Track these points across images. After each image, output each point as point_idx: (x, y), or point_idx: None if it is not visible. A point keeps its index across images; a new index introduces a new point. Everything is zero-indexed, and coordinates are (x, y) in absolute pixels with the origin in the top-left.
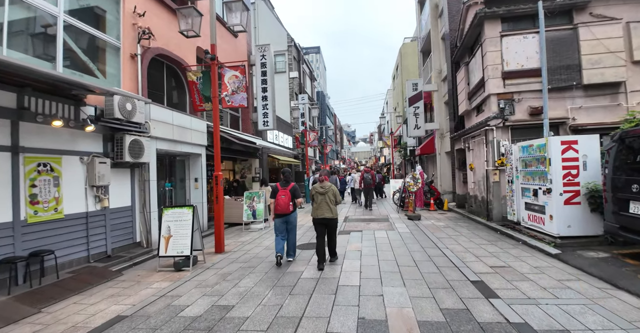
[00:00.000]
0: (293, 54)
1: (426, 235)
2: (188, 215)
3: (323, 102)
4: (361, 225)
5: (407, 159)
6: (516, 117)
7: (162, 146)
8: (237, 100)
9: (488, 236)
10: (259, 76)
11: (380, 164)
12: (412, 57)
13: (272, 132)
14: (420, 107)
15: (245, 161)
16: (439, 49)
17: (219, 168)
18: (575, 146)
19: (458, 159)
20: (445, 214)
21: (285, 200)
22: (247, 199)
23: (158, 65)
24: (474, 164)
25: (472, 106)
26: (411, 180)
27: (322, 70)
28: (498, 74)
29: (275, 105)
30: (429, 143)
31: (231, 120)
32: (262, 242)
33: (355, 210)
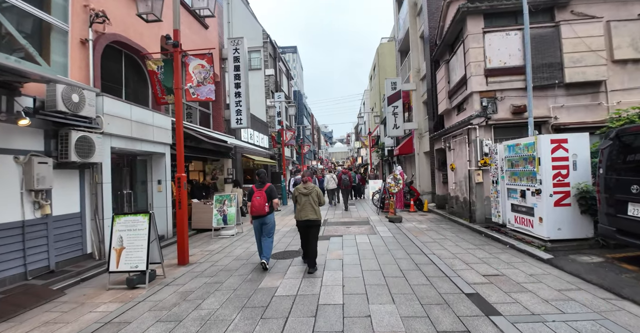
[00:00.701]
0: (269, 50)
1: (410, 240)
2: (143, 224)
3: (300, 101)
4: (341, 229)
5: (385, 159)
6: (499, 115)
7: (118, 144)
8: (203, 92)
9: (473, 240)
10: (231, 71)
11: (357, 164)
12: (390, 57)
13: (246, 131)
14: (399, 107)
15: (217, 161)
16: (417, 48)
17: (182, 169)
18: (565, 145)
19: (438, 159)
20: (426, 216)
21: (260, 201)
22: (217, 203)
23: (116, 54)
24: (455, 164)
25: (452, 105)
26: (392, 181)
27: (299, 70)
28: (481, 71)
29: (249, 102)
30: (407, 143)
31: (201, 117)
32: (233, 251)
33: (334, 213)
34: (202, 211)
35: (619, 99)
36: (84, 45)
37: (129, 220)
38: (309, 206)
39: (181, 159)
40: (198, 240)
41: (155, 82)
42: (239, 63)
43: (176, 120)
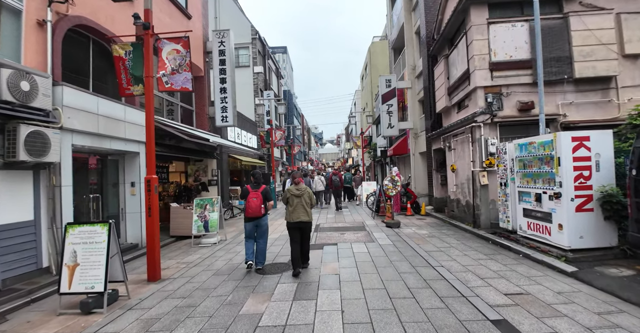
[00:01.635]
0: (257, 47)
1: (412, 249)
2: (102, 235)
3: (290, 101)
4: (335, 236)
5: (377, 160)
6: (504, 112)
7: (82, 141)
8: (178, 81)
9: (482, 248)
10: (216, 65)
11: (347, 165)
12: (382, 56)
13: (233, 130)
14: (393, 105)
15: (200, 162)
16: (412, 44)
17: (152, 170)
18: (587, 143)
19: (436, 160)
20: (425, 220)
21: (256, 202)
22: (197, 207)
23: (83, 41)
24: (456, 165)
25: (452, 102)
26: (389, 183)
27: (289, 70)
28: (485, 64)
29: (235, 99)
30: (402, 143)
31: (183, 114)
32: (214, 263)
33: (326, 217)
34: (181, 216)
35: (629, 95)
36: (42, 27)
37: (84, 231)
38: (301, 207)
39: (152, 158)
40: (176, 250)
41: (121, 70)
42: (225, 57)
43: (146, 113)
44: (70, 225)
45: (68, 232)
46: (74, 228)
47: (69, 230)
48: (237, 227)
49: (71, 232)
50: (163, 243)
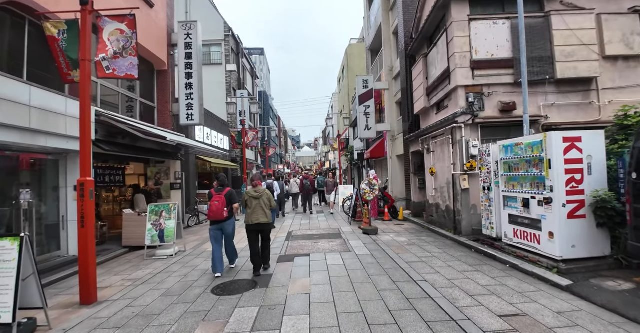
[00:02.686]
0: (231, 44)
1: (392, 259)
2: (11, 252)
3: (266, 102)
4: (308, 245)
5: (354, 164)
6: (486, 113)
7: (5, 137)
8: (122, 67)
9: (466, 258)
10: (182, 59)
11: (325, 168)
12: (359, 59)
13: (202, 130)
14: (371, 106)
15: (162, 163)
16: (390, 45)
17: (87, 172)
18: (579, 144)
19: (414, 163)
20: (403, 225)
21: (218, 205)
22: (151, 214)
23: (16, 21)
24: (435, 168)
25: (431, 103)
26: (367, 187)
27: (266, 72)
28: (467, 62)
29: (202, 96)
30: (379, 146)
31: (143, 110)
32: (165, 281)
33: (300, 222)
34: (135, 224)
35: (610, 97)
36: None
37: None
38: (260, 209)
39: (87, 157)
40: (125, 263)
41: (58, 52)
42: (191, 50)
43: (80, 103)
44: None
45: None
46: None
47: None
48: (202, 236)
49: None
50: (113, 255)
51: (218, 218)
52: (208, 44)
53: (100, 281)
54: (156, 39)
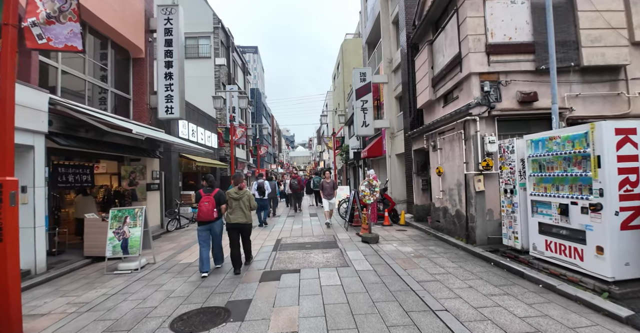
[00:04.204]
0: (220, 37)
1: (399, 277)
2: None
3: (259, 100)
4: (299, 257)
5: (350, 163)
6: (503, 105)
7: None
8: (60, 36)
9: (487, 274)
10: (161, 46)
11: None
12: (355, 55)
13: (186, 126)
14: (368, 101)
15: (137, 161)
16: (389, 35)
17: (7, 170)
18: (634, 138)
19: (417, 162)
20: (406, 231)
21: (208, 206)
22: (114, 221)
23: None
24: (443, 168)
25: (437, 95)
26: (366, 189)
27: (260, 71)
28: (481, 46)
29: (184, 87)
30: (377, 144)
31: (117, 102)
32: (118, 306)
33: (292, 228)
34: (98, 231)
35: (639, 89)
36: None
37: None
38: (240, 210)
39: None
40: (80, 279)
41: None
42: (172, 36)
43: (1, 78)
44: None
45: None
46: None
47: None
48: (179, 243)
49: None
50: (69, 268)
51: (208, 219)
52: (196, 36)
53: (39, 305)
54: (132, 23)
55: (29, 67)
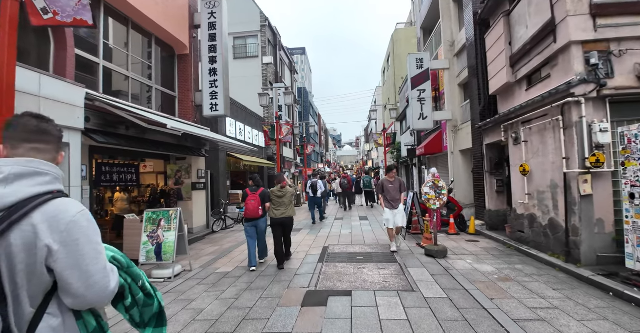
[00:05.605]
0: (267, 36)
1: (486, 312)
2: None
3: (306, 99)
4: (349, 271)
5: (402, 162)
6: (615, 82)
7: None
8: (67, 9)
9: (612, 312)
10: (205, 41)
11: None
12: (407, 45)
13: (233, 125)
14: (426, 90)
15: (182, 160)
16: (450, 15)
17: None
18: None
19: (490, 159)
20: (478, 243)
21: (254, 204)
22: (148, 223)
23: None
24: (529, 165)
25: (518, 76)
26: (431, 191)
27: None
28: (583, 7)
29: (228, 83)
30: (435, 140)
31: (163, 100)
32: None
33: (341, 233)
34: (137, 233)
35: None
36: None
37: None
38: (282, 206)
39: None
40: None
41: None
42: (216, 31)
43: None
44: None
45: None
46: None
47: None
48: (221, 247)
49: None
50: None
51: (254, 216)
52: (244, 36)
53: None
54: (176, 19)
55: (64, 60)
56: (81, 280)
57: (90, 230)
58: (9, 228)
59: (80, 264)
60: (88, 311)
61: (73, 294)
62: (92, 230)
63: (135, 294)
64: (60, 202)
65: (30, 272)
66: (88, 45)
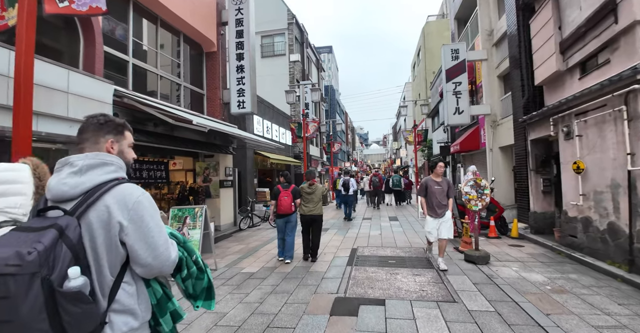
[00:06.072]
0: (295, 33)
1: (543, 330)
2: None
3: (333, 97)
4: (381, 277)
5: (433, 159)
6: None
7: None
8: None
9: None
10: (233, 38)
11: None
12: (439, 38)
13: (260, 123)
14: (462, 83)
15: (210, 158)
16: (488, 2)
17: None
18: None
19: (535, 156)
20: (522, 248)
21: (288, 200)
22: (173, 221)
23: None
24: (585, 162)
25: (570, 63)
26: (472, 191)
27: (334, 70)
28: None
29: (255, 80)
30: (471, 136)
31: (192, 98)
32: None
33: (369, 233)
34: None
35: None
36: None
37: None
38: (312, 203)
39: (23, 139)
40: None
41: None
42: (243, 27)
43: (16, 55)
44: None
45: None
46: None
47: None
48: (247, 245)
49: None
50: None
51: (287, 212)
52: (271, 34)
53: None
54: (203, 16)
55: (92, 57)
56: (148, 251)
57: (152, 209)
58: (87, 209)
59: (147, 237)
60: (155, 281)
61: (142, 263)
62: (153, 209)
63: (190, 267)
64: (126, 186)
65: (108, 245)
66: (118, 43)
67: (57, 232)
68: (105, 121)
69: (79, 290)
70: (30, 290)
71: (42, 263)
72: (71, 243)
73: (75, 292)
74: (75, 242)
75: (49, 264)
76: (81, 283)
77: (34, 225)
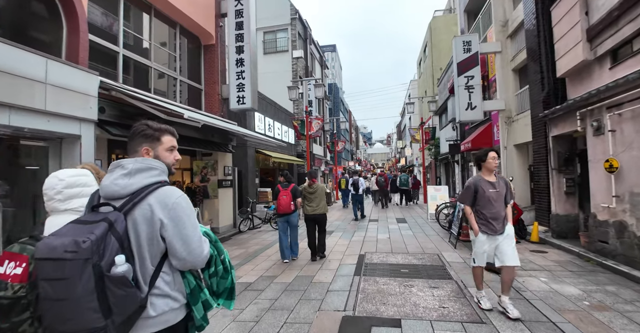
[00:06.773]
0: (297, 29)
1: None
2: None
3: (337, 95)
4: (394, 289)
5: (442, 159)
6: None
7: None
8: None
9: None
10: (232, 30)
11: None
12: (446, 33)
13: (262, 121)
14: (475, 77)
15: (209, 156)
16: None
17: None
18: None
19: (557, 153)
20: (546, 254)
21: (286, 200)
22: None
23: None
24: (618, 160)
25: (599, 52)
26: None
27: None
28: None
29: (256, 75)
30: (484, 133)
31: (190, 93)
32: None
33: (377, 237)
34: None
35: None
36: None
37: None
38: (314, 202)
39: None
40: None
41: None
42: (243, 18)
43: None
44: None
45: None
46: None
47: None
48: (247, 250)
49: None
50: None
51: (286, 211)
52: (274, 30)
53: None
54: (201, 7)
55: (76, 46)
56: (184, 246)
57: (188, 209)
58: (133, 207)
59: (183, 234)
60: (190, 273)
61: (178, 257)
62: (189, 210)
63: (217, 265)
64: (167, 189)
65: (150, 238)
66: (106, 33)
67: (108, 225)
68: (140, 130)
69: (123, 275)
70: (83, 273)
71: (94, 251)
72: (118, 235)
73: (120, 277)
74: (121, 234)
75: (99, 252)
76: (126, 269)
77: (88, 219)
